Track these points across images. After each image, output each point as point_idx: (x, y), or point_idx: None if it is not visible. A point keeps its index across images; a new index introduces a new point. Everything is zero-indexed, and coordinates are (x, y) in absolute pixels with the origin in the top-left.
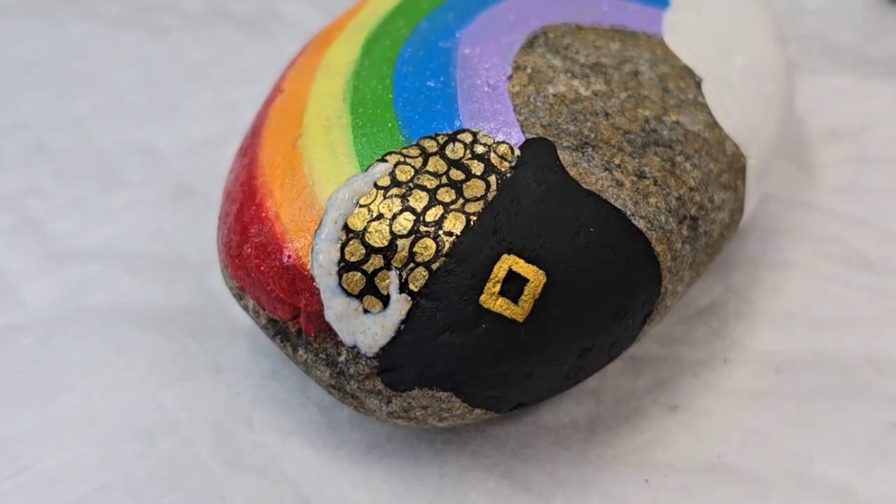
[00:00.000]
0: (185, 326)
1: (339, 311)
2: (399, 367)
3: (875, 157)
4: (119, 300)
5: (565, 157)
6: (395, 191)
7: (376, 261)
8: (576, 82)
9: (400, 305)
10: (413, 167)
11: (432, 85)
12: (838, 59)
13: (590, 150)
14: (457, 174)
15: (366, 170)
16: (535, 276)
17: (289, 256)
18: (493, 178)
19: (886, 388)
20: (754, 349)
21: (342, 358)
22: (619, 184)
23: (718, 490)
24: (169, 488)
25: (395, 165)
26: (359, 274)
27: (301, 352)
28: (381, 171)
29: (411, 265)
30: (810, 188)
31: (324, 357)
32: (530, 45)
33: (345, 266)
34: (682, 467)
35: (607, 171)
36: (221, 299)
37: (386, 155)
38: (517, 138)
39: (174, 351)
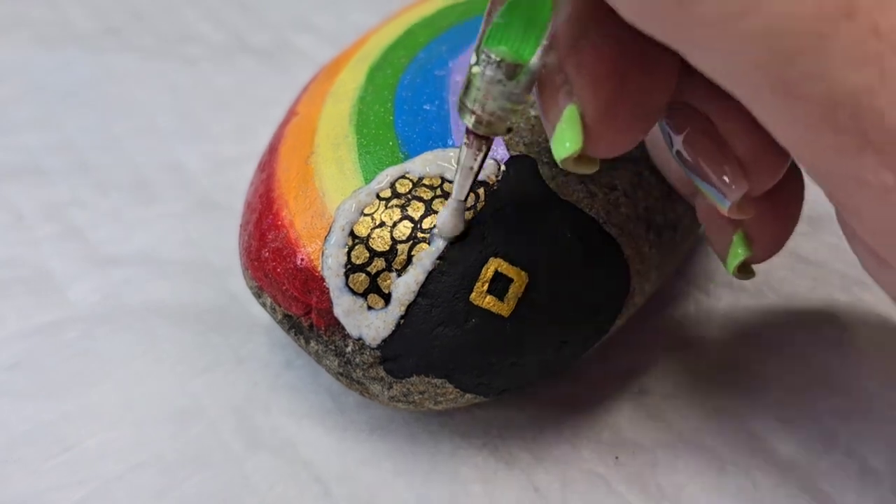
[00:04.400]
0: (210, 323)
1: (346, 307)
2: (399, 356)
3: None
4: (152, 299)
5: (545, 171)
6: (395, 202)
7: (379, 263)
8: None
9: (400, 303)
10: (411, 181)
11: (428, 108)
12: None
13: None
14: (450, 187)
15: (369, 183)
16: (518, 277)
17: (302, 259)
18: (481, 191)
19: (828, 374)
20: (711, 339)
21: (349, 349)
22: (593, 195)
23: (680, 465)
24: (196, 467)
25: (396, 179)
26: (363, 275)
27: (313, 343)
28: (383, 185)
29: (409, 267)
30: None
31: (333, 348)
32: None
33: (351, 268)
34: (648, 445)
35: (582, 184)
36: (242, 299)
37: (388, 170)
38: (503, 155)
39: (200, 344)
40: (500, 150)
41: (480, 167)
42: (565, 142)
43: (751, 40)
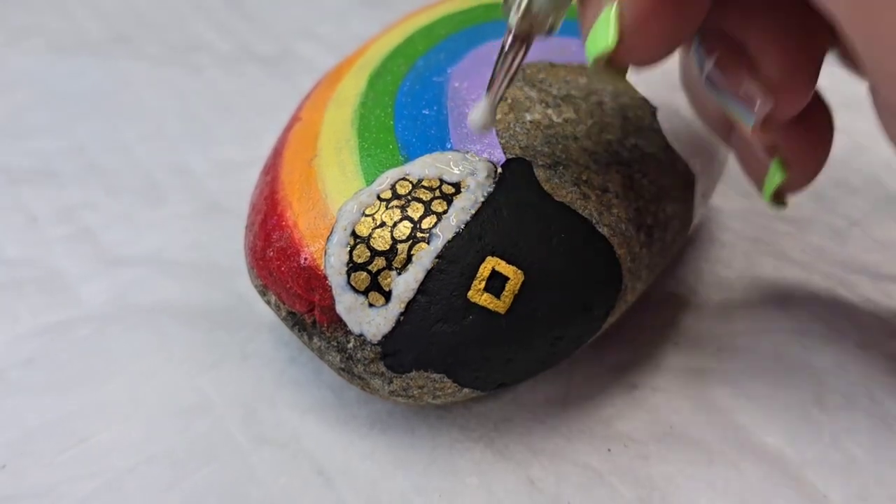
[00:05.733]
0: (217, 321)
1: (348, 305)
2: (399, 352)
3: None
4: (161, 299)
5: (540, 174)
6: (395, 203)
7: (379, 262)
8: (549, 111)
9: (400, 300)
10: (411, 182)
11: (427, 113)
12: None
13: (561, 168)
14: (447, 188)
15: (370, 185)
16: (514, 275)
17: (305, 259)
18: (478, 192)
19: (813, 368)
20: (700, 334)
21: (351, 345)
22: (586, 197)
23: (671, 456)
24: (204, 460)
25: (396, 181)
26: (365, 273)
27: (316, 340)
28: (383, 186)
29: (409, 265)
30: (747, 202)
31: (335, 344)
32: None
33: (353, 267)
34: (640, 437)
35: (576, 186)
36: (248, 298)
37: (388, 172)
38: (499, 158)
39: (208, 342)
40: (496, 153)
41: (519, 67)
42: (599, 39)
43: None
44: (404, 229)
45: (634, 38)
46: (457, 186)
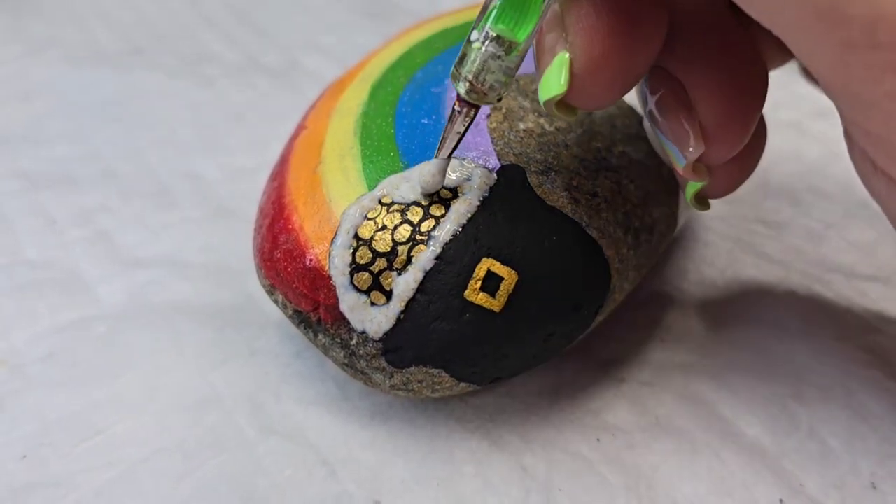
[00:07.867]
0: (227, 319)
1: (351, 303)
2: (399, 348)
3: (777, 186)
4: (174, 298)
5: (533, 179)
6: (396, 207)
7: (381, 263)
8: (542, 120)
9: (400, 299)
10: None
11: (426, 122)
12: None
13: (553, 174)
14: (445, 193)
15: (372, 190)
16: (509, 276)
17: (310, 260)
18: (475, 196)
19: (792, 362)
20: (684, 331)
21: (353, 342)
22: (577, 201)
23: (656, 446)
24: (214, 452)
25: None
26: (367, 274)
27: (320, 337)
28: (384, 191)
29: (409, 266)
30: (729, 206)
31: (339, 341)
32: None
33: (355, 267)
34: (627, 428)
35: (567, 191)
36: (256, 298)
37: (389, 178)
38: (494, 164)
39: (218, 339)
40: (492, 160)
41: (466, 131)
42: (551, 84)
43: None
44: (404, 232)
45: (583, 85)
46: (454, 191)
